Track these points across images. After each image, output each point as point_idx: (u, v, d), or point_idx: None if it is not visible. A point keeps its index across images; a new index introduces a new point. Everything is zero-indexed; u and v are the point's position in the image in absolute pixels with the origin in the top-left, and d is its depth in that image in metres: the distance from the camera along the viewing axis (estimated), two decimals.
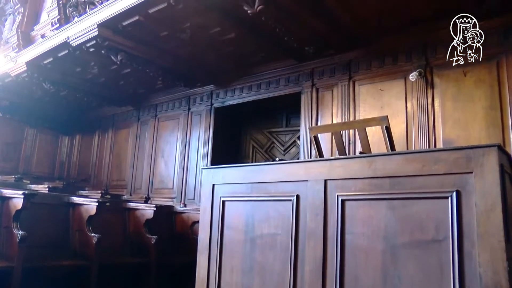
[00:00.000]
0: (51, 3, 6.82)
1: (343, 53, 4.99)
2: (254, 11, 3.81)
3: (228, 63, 5.72)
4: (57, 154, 8.93)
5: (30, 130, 8.52)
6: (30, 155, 8.45)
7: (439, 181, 1.99)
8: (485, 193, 1.84)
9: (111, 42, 4.94)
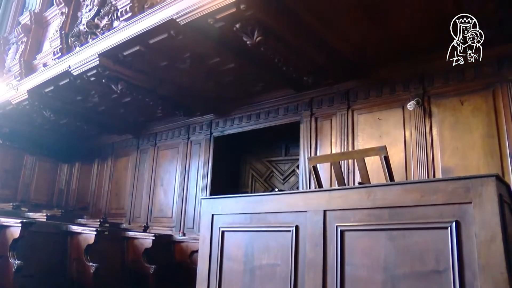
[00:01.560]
0: (54, 33, 6.91)
1: (342, 83, 5.05)
2: (253, 42, 3.87)
3: (227, 92, 5.78)
4: (56, 181, 8.91)
5: (29, 158, 8.52)
6: (29, 182, 8.43)
7: (438, 211, 1.99)
8: (484, 224, 1.83)
9: (112, 71, 5.00)
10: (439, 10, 3.76)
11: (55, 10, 7.15)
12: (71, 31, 6.34)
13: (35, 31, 7.78)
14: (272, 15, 3.77)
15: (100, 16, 5.63)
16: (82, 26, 5.98)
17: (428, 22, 3.99)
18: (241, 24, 3.74)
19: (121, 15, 5.13)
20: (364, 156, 3.07)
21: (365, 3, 3.71)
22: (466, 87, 4.29)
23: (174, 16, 3.95)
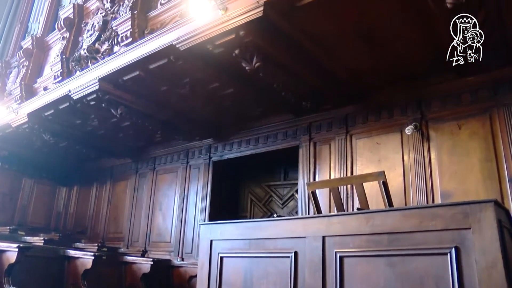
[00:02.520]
0: (55, 57, 6.96)
1: (340, 108, 5.08)
2: (252, 67, 3.91)
3: (226, 117, 5.81)
4: (54, 205, 8.86)
5: (27, 181, 8.50)
6: (27, 205, 8.39)
7: (437, 237, 1.99)
8: (484, 250, 1.83)
9: (112, 96, 5.04)
10: (434, 38, 3.82)
11: (57, 34, 7.21)
12: (72, 56, 6.38)
13: (36, 55, 7.83)
14: (271, 41, 3.82)
15: (100, 41, 5.69)
16: (82, 50, 6.03)
17: (424, 48, 4.05)
18: (240, 50, 3.79)
19: (122, 40, 5.18)
20: (362, 181, 3.08)
21: (363, 31, 3.77)
22: (463, 112, 4.32)
23: (174, 42, 4.00)
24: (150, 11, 5.19)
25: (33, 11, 9.32)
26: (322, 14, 3.54)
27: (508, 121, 4.04)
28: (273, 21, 3.60)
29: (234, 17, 3.57)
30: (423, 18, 3.57)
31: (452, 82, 4.41)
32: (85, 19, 6.55)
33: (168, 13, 4.91)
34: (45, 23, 8.08)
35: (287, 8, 3.48)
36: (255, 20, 3.48)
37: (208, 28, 3.74)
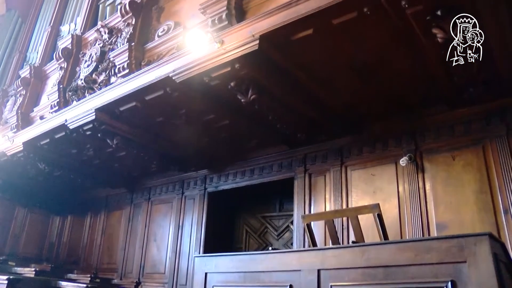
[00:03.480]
0: (52, 87, 7.02)
1: (335, 139, 5.11)
2: (247, 100, 3.96)
3: (222, 148, 5.83)
4: (47, 234, 8.76)
5: (20, 209, 8.42)
6: (19, 235, 8.28)
7: (433, 271, 1.98)
8: (481, 284, 1.82)
9: (108, 126, 5.05)
10: (427, 71, 3.90)
11: (54, 64, 7.29)
12: (69, 86, 6.44)
13: (34, 85, 7.90)
14: (266, 74, 3.88)
15: (98, 72, 5.75)
16: (80, 81, 6.09)
17: (417, 81, 4.11)
18: (235, 83, 3.85)
19: (119, 71, 5.25)
20: (357, 214, 3.09)
21: (357, 63, 3.83)
22: (457, 143, 4.36)
23: (170, 73, 4.05)
24: (147, 43, 5.28)
25: (32, 40, 9.46)
26: (316, 47, 3.61)
27: (501, 152, 4.07)
28: (268, 54, 3.66)
29: (230, 50, 3.63)
30: (416, 52, 3.63)
31: (445, 114, 4.46)
32: (83, 49, 6.65)
33: (165, 45, 5.00)
34: (43, 53, 8.17)
35: (282, 42, 3.55)
36: (251, 53, 3.54)
37: (204, 61, 3.79)
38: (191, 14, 4.89)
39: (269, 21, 3.49)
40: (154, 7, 5.53)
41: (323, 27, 3.36)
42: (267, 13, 3.53)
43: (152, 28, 5.39)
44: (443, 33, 3.12)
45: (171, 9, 5.34)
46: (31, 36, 9.60)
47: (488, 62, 3.60)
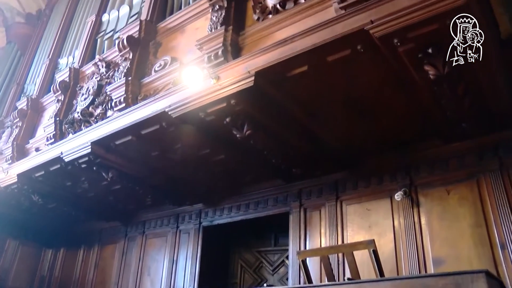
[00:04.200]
0: (49, 119, 7.02)
1: (330, 174, 5.12)
2: (242, 135, 3.99)
3: (217, 183, 5.81)
4: (38, 267, 8.56)
5: (12, 242, 8.26)
6: (9, 268, 8.10)
7: None
8: None
9: (103, 159, 5.05)
10: (420, 106, 3.95)
11: (52, 97, 7.30)
12: (66, 118, 6.45)
13: (30, 116, 7.89)
14: (261, 110, 3.92)
15: (94, 105, 5.78)
16: (76, 114, 6.10)
17: (411, 116, 4.16)
18: (231, 118, 3.88)
19: (115, 105, 5.27)
20: (352, 250, 3.07)
21: (352, 99, 3.88)
22: (451, 177, 4.36)
23: (166, 108, 4.08)
24: (144, 77, 5.32)
25: (30, 72, 9.50)
26: (311, 83, 3.66)
27: (495, 186, 4.08)
28: (263, 90, 3.70)
29: (225, 86, 3.67)
30: (409, 88, 3.69)
31: (439, 148, 4.49)
32: (80, 82, 6.69)
33: (161, 80, 5.04)
34: (41, 85, 8.19)
35: (277, 78, 3.60)
36: (246, 90, 3.58)
37: (200, 97, 3.83)
38: (188, 49, 4.95)
39: (264, 57, 3.55)
40: (151, 42, 5.61)
41: (318, 64, 3.42)
42: (263, 50, 3.60)
43: (149, 63, 5.45)
44: (435, 70, 3.18)
45: (168, 45, 5.42)
46: (29, 68, 9.66)
47: (479, 98, 3.69)
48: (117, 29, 6.54)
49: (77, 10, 8.91)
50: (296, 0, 4.11)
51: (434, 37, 3.01)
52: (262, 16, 4.31)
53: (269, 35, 4.11)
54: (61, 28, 8.84)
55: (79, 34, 8.01)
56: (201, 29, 4.93)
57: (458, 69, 3.23)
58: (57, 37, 8.71)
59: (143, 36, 5.60)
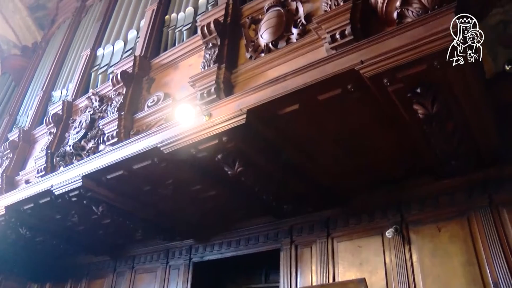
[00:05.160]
0: (40, 151, 7.00)
1: (321, 211, 5.10)
2: (234, 172, 4.00)
3: (208, 218, 5.78)
4: None
5: None
6: None
7: None
8: None
9: (94, 193, 5.01)
10: (410, 144, 4.00)
11: (44, 129, 7.31)
12: (57, 151, 6.44)
13: (22, 148, 7.86)
14: (253, 147, 3.94)
15: (87, 139, 5.78)
16: (68, 147, 6.10)
17: (401, 154, 4.20)
18: (222, 155, 3.90)
19: (107, 139, 5.28)
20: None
21: (342, 138, 3.94)
22: (442, 214, 4.37)
23: (158, 144, 4.09)
24: (137, 112, 5.36)
25: (23, 104, 9.54)
26: (302, 121, 3.71)
27: (485, 224, 4.08)
28: (255, 128, 3.74)
29: (217, 124, 3.70)
30: (399, 126, 3.74)
31: (429, 185, 4.50)
32: (73, 116, 6.71)
33: (154, 115, 5.08)
34: (33, 117, 8.21)
35: (269, 116, 3.64)
36: (238, 127, 3.61)
37: (192, 133, 3.86)
38: (181, 86, 5.02)
39: (256, 96, 3.60)
40: (145, 78, 5.67)
41: (309, 103, 3.48)
42: (255, 88, 3.65)
43: (142, 98, 5.50)
44: (424, 109, 3.26)
45: (161, 81, 5.48)
46: (22, 99, 9.70)
47: (467, 136, 3.75)
48: (111, 64, 6.62)
49: (73, 43, 9.03)
50: (288, 40, 4.21)
51: (422, 78, 3.10)
52: (254, 54, 4.40)
53: (261, 73, 4.19)
54: (56, 61, 8.94)
55: (73, 68, 8.09)
56: (194, 65, 5.02)
57: (446, 108, 3.32)
58: (52, 70, 8.79)
59: (137, 71, 5.67)
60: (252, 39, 4.55)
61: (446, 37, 2.83)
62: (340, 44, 3.60)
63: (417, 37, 2.95)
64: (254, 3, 4.90)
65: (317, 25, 3.84)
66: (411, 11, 3.45)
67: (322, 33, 3.83)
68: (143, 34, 6.26)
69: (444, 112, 3.32)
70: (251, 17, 4.70)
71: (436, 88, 3.18)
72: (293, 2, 4.40)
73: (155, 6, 6.52)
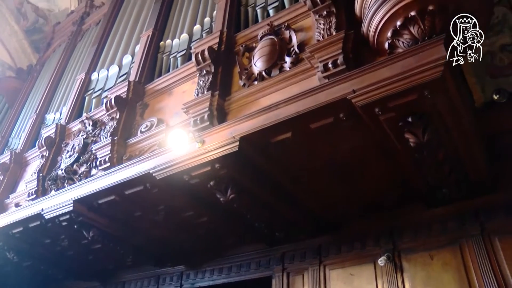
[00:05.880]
0: (32, 174, 6.96)
1: (313, 238, 5.07)
2: (226, 199, 3.99)
3: (200, 245, 5.74)
4: None
5: None
6: None
7: None
8: None
9: (85, 218, 4.97)
10: (401, 172, 4.04)
11: (36, 152, 7.28)
12: (49, 175, 6.40)
13: (13, 171, 7.81)
14: (246, 174, 3.94)
15: (79, 163, 5.76)
16: (60, 170, 6.07)
17: (393, 181, 4.23)
18: (215, 182, 3.89)
19: (100, 164, 5.27)
20: None
21: (334, 165, 3.96)
22: (434, 242, 4.35)
23: (151, 170, 4.08)
24: (130, 137, 5.36)
25: (16, 126, 9.51)
26: (295, 149, 3.73)
27: (478, 253, 4.07)
28: (248, 155, 3.75)
29: (210, 150, 3.71)
30: (390, 154, 3.78)
31: (421, 213, 4.50)
32: (66, 139, 6.70)
33: (147, 141, 5.09)
34: (26, 139, 8.18)
35: (261, 143, 3.66)
36: (231, 154, 3.62)
37: (185, 160, 3.85)
38: (174, 112, 5.05)
39: (249, 123, 3.62)
40: (139, 103, 5.69)
41: (301, 131, 3.51)
42: (248, 116, 3.68)
43: (136, 124, 5.51)
44: (415, 138, 3.30)
45: (155, 106, 5.51)
46: (15, 121, 9.67)
47: (458, 165, 3.78)
48: (105, 88, 6.65)
49: (68, 67, 9.08)
50: (281, 68, 4.27)
51: (413, 107, 3.15)
52: (248, 82, 4.45)
53: (255, 101, 4.24)
54: (50, 83, 8.97)
55: (67, 91, 8.11)
56: (188, 92, 5.06)
57: (437, 137, 3.37)
58: (46, 93, 8.81)
59: (131, 96, 5.70)
60: (245, 67, 4.61)
61: (436, 67, 2.91)
62: (333, 73, 3.67)
63: (408, 67, 3.02)
64: (248, 31, 4.99)
65: (310, 54, 3.92)
66: (402, 41, 3.54)
67: (314, 62, 3.90)
68: (138, 59, 6.32)
69: (435, 141, 3.37)
70: (245, 45, 4.77)
71: (427, 117, 3.23)
72: (286, 31, 4.49)
73: (150, 32, 6.61)
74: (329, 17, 4.10)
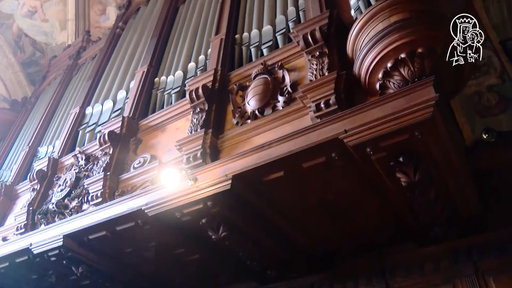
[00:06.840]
0: (21, 208, 6.87)
1: (305, 276, 5.00)
2: (218, 237, 3.98)
3: (191, 282, 5.64)
4: None
5: None
6: None
7: None
8: None
9: (75, 253, 4.89)
10: (393, 211, 4.07)
11: (27, 185, 7.20)
12: (40, 208, 6.32)
13: (2, 203, 7.69)
14: (238, 212, 3.95)
15: (70, 197, 5.72)
16: (51, 204, 6.01)
17: (384, 220, 4.25)
18: (207, 219, 3.89)
19: (92, 199, 5.23)
20: None
21: (326, 204, 3.98)
22: (428, 281, 4.31)
23: (143, 207, 4.07)
24: (123, 173, 5.35)
25: (8, 158, 9.42)
26: (287, 188, 3.77)
27: None
28: (240, 193, 3.77)
29: (202, 188, 3.73)
30: (382, 193, 3.82)
31: (414, 252, 4.48)
32: (58, 173, 6.64)
33: (139, 177, 5.07)
34: (17, 172, 8.09)
35: (254, 182, 3.70)
36: (223, 192, 3.64)
37: (177, 197, 3.86)
38: (168, 149, 5.06)
39: (242, 162, 3.66)
40: (132, 139, 5.69)
41: (293, 170, 3.55)
42: (241, 155, 3.72)
43: (129, 159, 5.50)
44: (406, 177, 3.34)
45: (149, 142, 5.52)
46: (7, 153, 9.59)
47: (449, 203, 3.81)
48: (99, 123, 6.64)
49: (62, 100, 9.09)
50: (274, 107, 4.33)
51: (404, 147, 3.21)
52: (241, 120, 4.50)
53: (247, 139, 4.28)
54: (44, 116, 8.94)
55: (61, 125, 8.09)
56: (181, 129, 5.09)
57: (428, 176, 3.41)
58: (40, 125, 8.77)
59: (125, 132, 5.69)
60: (239, 105, 4.66)
61: (426, 108, 2.98)
62: (325, 113, 3.73)
63: (399, 108, 3.10)
64: (242, 70, 5.07)
65: (302, 94, 3.98)
66: (393, 82, 3.62)
67: (307, 101, 3.96)
68: (132, 95, 6.36)
69: (426, 180, 3.41)
70: (239, 84, 4.84)
71: (418, 156, 3.28)
72: (279, 70, 4.56)
73: (145, 68, 6.68)
74: (322, 57, 4.19)
